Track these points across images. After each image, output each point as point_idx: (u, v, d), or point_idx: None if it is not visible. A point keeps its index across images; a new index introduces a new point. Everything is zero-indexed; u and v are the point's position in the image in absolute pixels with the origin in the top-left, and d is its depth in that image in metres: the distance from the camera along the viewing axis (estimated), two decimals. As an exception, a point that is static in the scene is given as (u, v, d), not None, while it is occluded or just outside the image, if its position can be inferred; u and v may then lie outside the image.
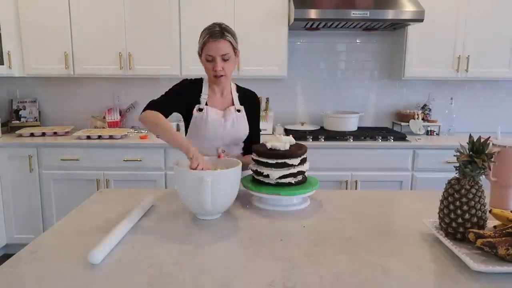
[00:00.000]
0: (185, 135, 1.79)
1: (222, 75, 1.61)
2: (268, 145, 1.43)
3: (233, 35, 1.61)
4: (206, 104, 1.68)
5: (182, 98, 1.67)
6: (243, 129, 1.71)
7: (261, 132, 1.89)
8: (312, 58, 3.38)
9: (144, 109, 1.59)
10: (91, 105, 3.39)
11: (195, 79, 1.74)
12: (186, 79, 1.74)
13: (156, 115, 1.54)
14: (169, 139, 1.49)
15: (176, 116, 3.31)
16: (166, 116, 1.59)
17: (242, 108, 1.72)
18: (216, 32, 1.55)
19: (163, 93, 1.67)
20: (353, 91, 3.44)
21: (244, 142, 1.77)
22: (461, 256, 0.98)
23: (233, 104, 1.72)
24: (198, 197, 1.23)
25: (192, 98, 1.69)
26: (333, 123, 3.16)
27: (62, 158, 2.83)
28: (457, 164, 1.10)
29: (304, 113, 3.46)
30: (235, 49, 1.62)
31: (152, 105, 1.59)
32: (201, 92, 1.70)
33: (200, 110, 1.66)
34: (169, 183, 2.85)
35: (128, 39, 3.00)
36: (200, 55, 1.64)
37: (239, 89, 1.78)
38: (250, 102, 1.77)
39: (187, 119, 1.73)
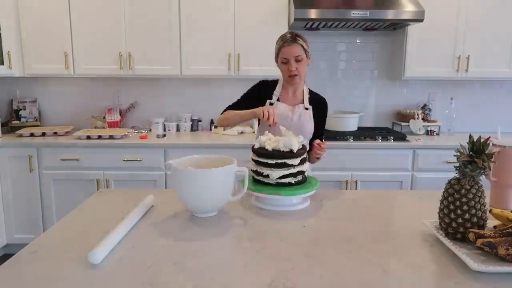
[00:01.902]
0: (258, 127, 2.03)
1: (296, 75, 1.82)
2: (281, 144, 1.42)
3: (304, 40, 1.85)
4: (278, 100, 1.91)
5: (256, 98, 1.92)
6: (309, 126, 1.90)
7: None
8: (312, 58, 3.37)
9: (221, 113, 1.91)
10: (91, 105, 3.39)
11: (272, 80, 1.98)
12: (264, 80, 1.99)
13: (226, 113, 1.89)
14: (240, 117, 1.83)
15: (176, 116, 3.32)
16: None
17: (310, 107, 1.92)
18: (289, 38, 1.81)
19: (240, 97, 1.96)
20: (353, 91, 3.44)
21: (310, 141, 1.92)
22: (461, 256, 0.98)
23: (302, 103, 1.93)
24: (192, 194, 1.25)
25: (266, 95, 1.92)
26: (333, 123, 3.16)
27: (62, 158, 2.83)
28: (457, 164, 1.10)
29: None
30: (306, 52, 1.84)
31: (226, 109, 1.93)
32: (274, 90, 1.93)
33: (271, 104, 1.89)
34: (169, 183, 2.85)
35: (128, 39, 3.00)
36: (276, 60, 1.89)
37: (311, 92, 1.99)
38: (319, 105, 1.97)
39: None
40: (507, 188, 1.35)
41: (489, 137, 1.14)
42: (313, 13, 2.74)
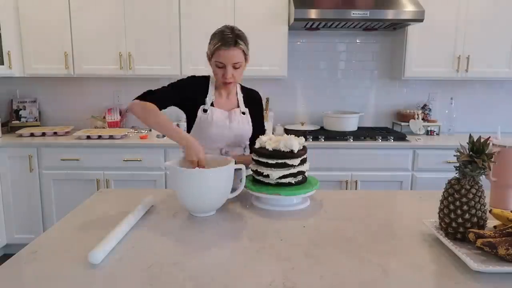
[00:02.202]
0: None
1: (231, 82, 1.62)
2: (282, 144, 1.42)
3: (245, 41, 1.60)
4: (212, 105, 1.68)
5: (185, 94, 1.66)
6: (247, 131, 1.73)
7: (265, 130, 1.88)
8: (312, 58, 3.38)
9: (137, 98, 1.57)
10: (91, 105, 3.39)
11: (203, 76, 1.73)
12: (193, 76, 1.74)
13: (149, 106, 1.52)
14: (165, 130, 1.50)
15: (176, 116, 3.31)
16: (160, 109, 1.56)
17: (247, 110, 1.73)
18: (229, 40, 1.54)
19: (165, 85, 1.67)
20: (353, 91, 3.44)
21: (249, 142, 1.79)
22: (461, 256, 0.98)
23: (238, 106, 1.73)
24: (190, 195, 1.26)
25: (197, 95, 1.68)
26: (333, 123, 3.16)
27: (62, 158, 2.83)
28: (457, 164, 1.10)
29: (304, 113, 3.46)
30: (246, 56, 1.62)
31: (147, 96, 1.57)
32: (207, 93, 1.69)
33: (205, 111, 1.66)
34: (169, 183, 2.85)
35: (128, 39, 3.00)
36: (209, 58, 1.64)
37: (243, 89, 1.79)
38: (254, 103, 1.78)
39: (191, 119, 1.71)
40: (507, 188, 1.35)
41: (489, 137, 1.14)
42: (313, 13, 2.74)
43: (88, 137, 2.93)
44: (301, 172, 1.45)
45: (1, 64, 2.94)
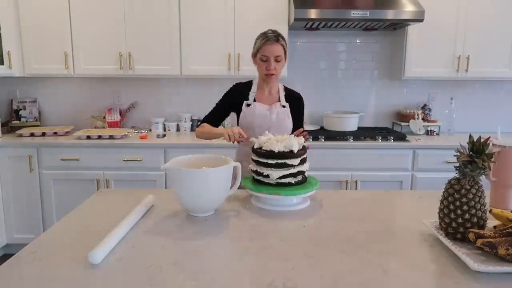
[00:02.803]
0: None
1: (273, 74, 1.85)
2: (282, 145, 1.42)
3: (285, 40, 1.86)
4: (254, 100, 1.94)
5: (230, 103, 1.98)
6: (287, 123, 1.93)
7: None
8: (312, 58, 3.38)
9: (198, 125, 2.00)
10: (91, 105, 3.39)
11: (246, 82, 2.01)
12: (238, 83, 2.02)
13: (202, 127, 1.94)
14: (212, 135, 1.88)
15: (177, 118, 3.31)
16: (217, 123, 1.98)
17: (287, 104, 1.95)
18: (272, 37, 1.82)
19: (215, 104, 2.01)
20: (353, 91, 3.44)
21: None
22: (461, 256, 0.98)
23: (279, 101, 1.95)
24: (188, 194, 1.26)
25: (241, 97, 1.95)
26: (333, 123, 3.16)
27: (62, 158, 2.83)
28: (457, 164, 1.10)
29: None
30: (285, 53, 1.87)
31: (203, 120, 1.99)
32: (249, 91, 1.96)
33: (248, 105, 1.92)
34: (169, 183, 2.85)
35: (128, 39, 3.00)
36: (254, 56, 1.91)
37: (286, 89, 2.01)
38: (295, 102, 1.99)
39: (238, 115, 1.97)
40: (507, 188, 1.35)
41: (489, 137, 1.14)
42: (313, 13, 2.74)
43: (88, 137, 2.93)
44: (301, 172, 1.45)
45: (1, 64, 2.94)
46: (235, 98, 1.97)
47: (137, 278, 0.91)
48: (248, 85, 1.99)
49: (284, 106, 1.94)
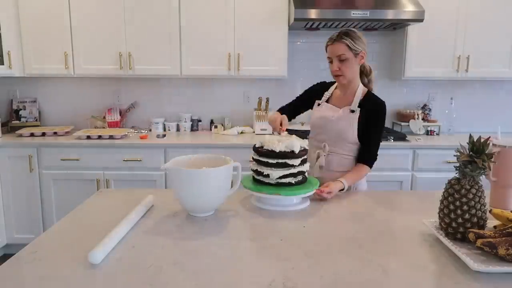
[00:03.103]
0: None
1: (339, 75, 1.74)
2: (283, 145, 1.41)
3: (353, 38, 1.68)
4: (327, 101, 1.86)
5: (307, 100, 1.94)
6: (350, 130, 1.71)
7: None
8: (312, 58, 3.38)
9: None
10: (91, 105, 3.39)
11: (329, 82, 1.95)
12: (321, 82, 1.99)
13: (274, 112, 1.90)
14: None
15: (177, 118, 3.31)
16: (290, 116, 1.89)
17: (358, 110, 1.72)
18: (334, 36, 1.72)
19: (298, 95, 2.00)
20: (353, 91, 3.43)
21: (359, 149, 1.77)
22: (461, 256, 0.98)
23: (350, 104, 1.75)
24: (188, 194, 1.26)
25: (318, 96, 1.90)
26: (333, 123, 3.15)
27: (62, 158, 2.83)
28: (457, 164, 1.10)
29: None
30: (354, 51, 1.69)
31: (279, 108, 1.96)
32: (326, 91, 1.89)
33: (318, 105, 1.87)
34: (169, 183, 2.85)
35: (128, 39, 3.00)
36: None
37: (368, 94, 1.77)
38: (371, 108, 1.72)
39: None
40: (507, 188, 1.35)
41: (489, 137, 1.14)
42: (313, 13, 2.74)
43: (88, 137, 2.93)
44: (301, 172, 1.45)
45: (1, 64, 2.94)
46: (312, 96, 1.92)
47: (137, 278, 0.91)
48: (329, 85, 1.93)
49: (352, 111, 1.72)
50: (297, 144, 1.41)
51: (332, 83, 1.93)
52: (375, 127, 1.73)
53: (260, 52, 3.02)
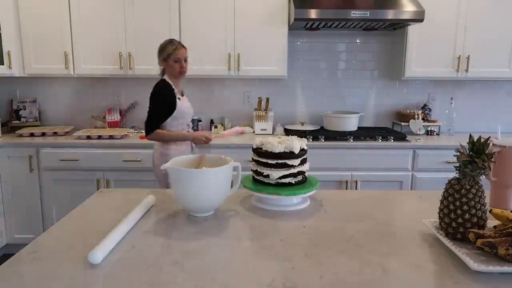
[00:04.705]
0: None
1: (185, 72, 2.46)
2: (283, 146, 1.41)
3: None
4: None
5: (167, 103, 2.42)
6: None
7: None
8: (312, 58, 3.38)
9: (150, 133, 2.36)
10: (91, 105, 3.39)
11: (163, 81, 2.42)
12: (160, 86, 2.41)
13: (158, 134, 2.36)
14: (173, 138, 2.37)
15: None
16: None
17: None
18: (177, 43, 2.40)
19: (154, 111, 2.38)
20: (353, 91, 3.44)
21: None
22: (461, 256, 0.98)
23: (182, 94, 2.52)
24: (188, 194, 1.26)
25: (171, 95, 2.40)
26: (333, 123, 3.16)
27: (62, 158, 2.83)
28: (457, 164, 1.10)
29: (304, 113, 3.46)
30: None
31: (153, 127, 2.35)
32: (174, 90, 2.40)
33: (179, 99, 2.40)
34: (169, 183, 2.85)
35: (128, 39, 3.00)
36: (165, 60, 2.44)
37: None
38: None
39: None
40: (507, 188, 1.35)
41: (489, 137, 1.14)
42: (313, 13, 2.74)
43: (88, 137, 2.93)
44: (301, 172, 1.45)
45: (1, 64, 2.94)
46: (167, 98, 2.38)
47: (137, 278, 0.91)
48: (168, 84, 2.41)
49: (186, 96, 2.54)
50: (297, 145, 1.41)
51: (167, 82, 2.38)
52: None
53: (260, 52, 3.02)
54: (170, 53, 2.32)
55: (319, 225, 1.26)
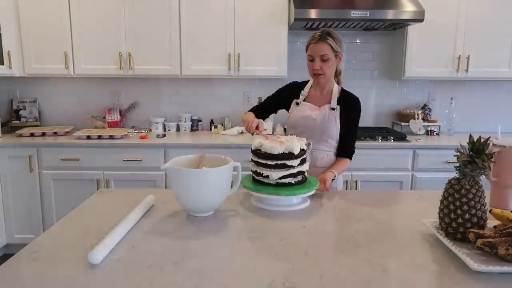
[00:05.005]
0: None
1: (320, 74, 1.78)
2: (283, 148, 1.41)
3: (335, 39, 1.75)
4: (305, 100, 1.88)
5: (281, 99, 1.95)
6: (334, 127, 1.80)
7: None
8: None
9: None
10: (91, 105, 3.39)
11: (302, 82, 1.96)
12: (294, 82, 1.99)
13: (246, 114, 1.90)
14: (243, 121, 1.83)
15: (177, 118, 3.31)
16: (262, 116, 1.88)
17: (338, 107, 1.81)
18: (317, 36, 1.76)
19: (266, 97, 2.01)
20: (353, 91, 3.41)
21: (338, 142, 1.86)
22: (461, 256, 0.98)
23: (330, 103, 1.82)
24: (188, 195, 1.26)
25: (293, 96, 1.91)
26: (333, 123, 3.15)
27: (62, 158, 2.83)
28: (457, 164, 1.10)
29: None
30: (336, 52, 1.76)
31: (251, 108, 1.96)
32: (302, 90, 1.90)
33: (297, 104, 1.88)
34: (169, 183, 2.85)
35: (128, 39, 3.00)
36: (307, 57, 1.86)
37: (343, 92, 1.87)
38: (348, 104, 1.83)
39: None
40: (507, 188, 1.35)
41: (489, 137, 1.14)
42: (313, 13, 2.74)
43: (88, 137, 2.93)
44: (301, 172, 1.45)
45: (1, 64, 2.94)
46: (287, 96, 1.93)
47: (137, 278, 0.91)
48: (303, 84, 1.94)
49: (333, 109, 1.80)
50: (297, 146, 1.41)
51: (305, 83, 1.94)
52: (353, 121, 1.85)
53: (260, 52, 3.02)
54: (306, 49, 1.86)
55: (319, 225, 1.26)
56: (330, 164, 1.83)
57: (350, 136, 1.85)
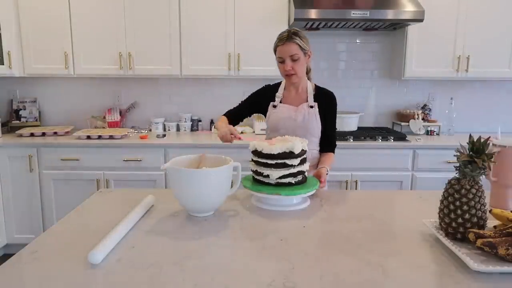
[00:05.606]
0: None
1: (292, 74, 1.77)
2: (284, 147, 1.41)
3: (302, 37, 1.75)
4: (281, 102, 1.87)
5: (255, 103, 1.94)
6: (315, 125, 1.82)
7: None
8: (312, 58, 3.37)
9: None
10: (91, 105, 3.39)
11: (275, 83, 1.94)
12: (267, 85, 1.96)
13: (220, 120, 1.91)
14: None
15: (177, 118, 3.30)
16: (237, 120, 1.94)
17: (315, 105, 1.83)
18: (284, 37, 1.74)
19: (240, 101, 1.98)
20: (353, 91, 3.44)
21: (320, 138, 1.87)
22: (461, 256, 0.98)
23: (307, 101, 1.84)
24: (188, 195, 1.26)
25: (268, 99, 1.90)
26: (333, 123, 3.16)
27: (62, 158, 2.83)
28: (457, 164, 1.10)
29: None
30: (304, 50, 1.76)
31: (226, 112, 1.97)
32: (277, 92, 1.90)
33: (274, 106, 1.87)
34: (169, 183, 2.85)
35: (128, 39, 3.00)
36: (276, 59, 1.82)
37: (318, 88, 1.89)
38: (326, 101, 1.85)
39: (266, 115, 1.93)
40: (507, 188, 1.35)
41: (489, 137, 1.14)
42: (313, 13, 2.74)
43: (88, 137, 2.93)
44: (301, 172, 1.45)
45: (1, 64, 2.94)
46: (262, 99, 1.91)
47: (137, 278, 0.91)
48: (276, 86, 1.93)
49: (311, 107, 1.82)
50: (298, 145, 1.41)
51: (277, 85, 1.94)
52: (332, 116, 1.88)
53: (260, 52, 3.02)
54: (274, 51, 1.82)
55: (319, 225, 1.26)
56: (315, 161, 1.85)
57: (332, 130, 1.88)
